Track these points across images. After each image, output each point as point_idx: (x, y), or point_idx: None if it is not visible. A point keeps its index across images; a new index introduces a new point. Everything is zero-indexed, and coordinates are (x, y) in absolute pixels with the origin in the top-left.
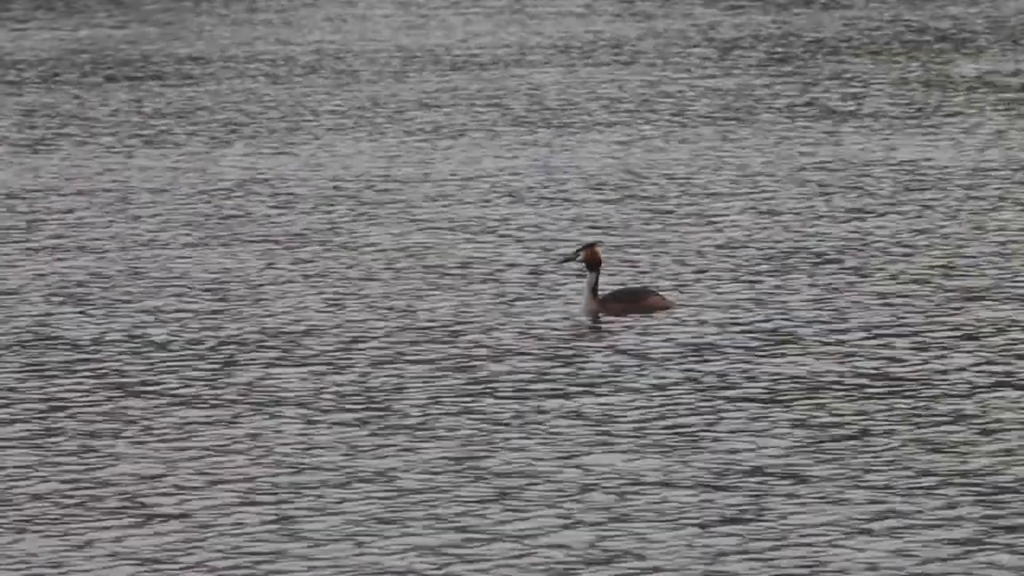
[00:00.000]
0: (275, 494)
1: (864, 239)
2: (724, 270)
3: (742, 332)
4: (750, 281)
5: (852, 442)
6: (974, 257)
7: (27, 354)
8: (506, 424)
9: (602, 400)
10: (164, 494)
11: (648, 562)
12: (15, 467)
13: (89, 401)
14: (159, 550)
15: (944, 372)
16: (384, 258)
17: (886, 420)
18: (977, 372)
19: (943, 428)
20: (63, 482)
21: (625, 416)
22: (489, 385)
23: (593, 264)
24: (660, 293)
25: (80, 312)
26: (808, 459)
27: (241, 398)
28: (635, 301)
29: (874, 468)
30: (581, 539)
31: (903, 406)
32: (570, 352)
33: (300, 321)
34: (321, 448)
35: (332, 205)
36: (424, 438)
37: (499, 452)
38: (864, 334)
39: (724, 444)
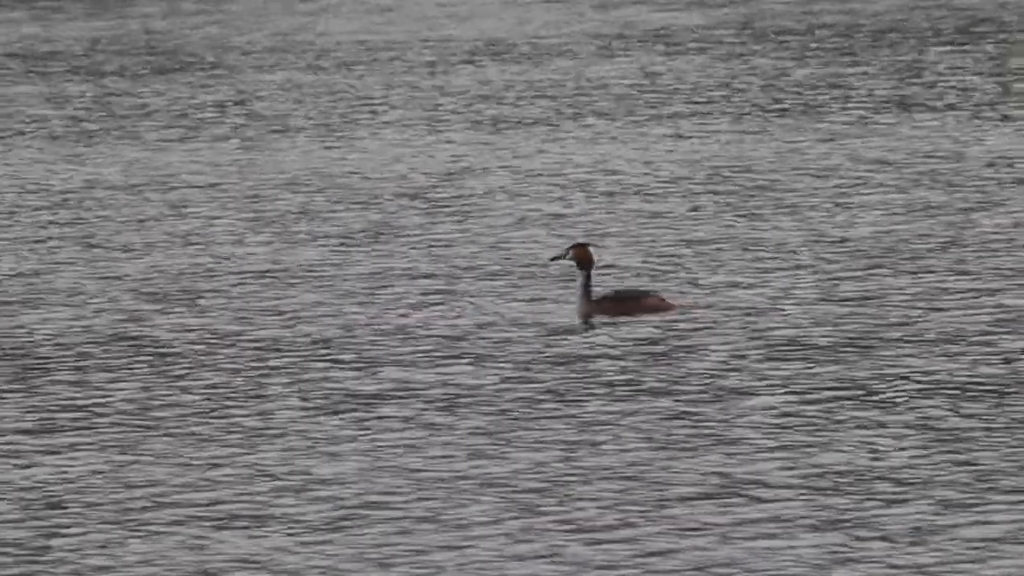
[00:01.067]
0: (387, 497)
1: (953, 233)
2: (799, 267)
3: (829, 331)
4: (841, 278)
5: (967, 444)
6: None
7: (114, 354)
8: (602, 425)
9: (693, 401)
10: (273, 498)
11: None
12: (106, 471)
13: (181, 403)
14: (269, 555)
15: None
16: (453, 254)
17: (997, 422)
18: None
19: None
20: (159, 486)
21: (722, 418)
22: (574, 384)
23: (584, 264)
24: (660, 294)
25: (161, 311)
26: (924, 463)
27: (331, 398)
28: (632, 302)
29: (1000, 473)
30: (699, 545)
31: (1014, 408)
32: (637, 352)
33: (380, 319)
34: (421, 449)
35: (398, 200)
36: (525, 439)
37: (603, 454)
38: (961, 332)
39: (838, 447)
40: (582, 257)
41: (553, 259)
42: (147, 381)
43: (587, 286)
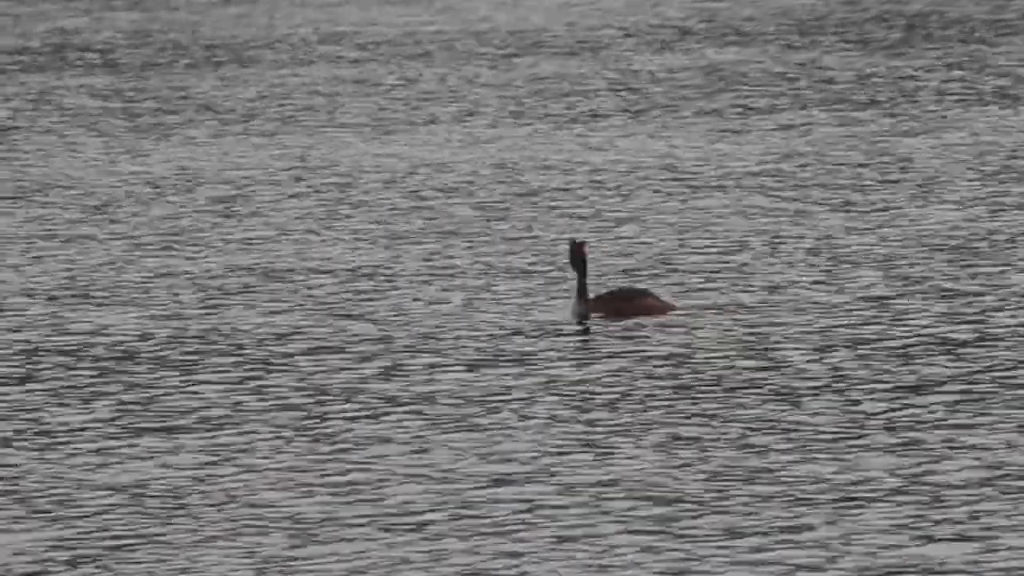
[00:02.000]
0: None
1: None
2: (868, 264)
3: (910, 329)
4: (921, 276)
5: None
6: None
7: (195, 352)
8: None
9: (779, 402)
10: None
11: None
12: (200, 474)
13: (281, 405)
14: (371, 560)
15: None
16: (474, 253)
17: None
18: None
19: None
20: (255, 489)
21: (820, 421)
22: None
23: (578, 263)
24: (656, 295)
25: (249, 309)
26: None
27: (452, 399)
28: (628, 302)
29: None
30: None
31: None
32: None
33: (475, 318)
34: (553, 450)
35: (447, 195)
36: (657, 443)
37: (720, 455)
38: None
39: (943, 449)
40: (578, 255)
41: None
42: (233, 381)
43: (582, 285)
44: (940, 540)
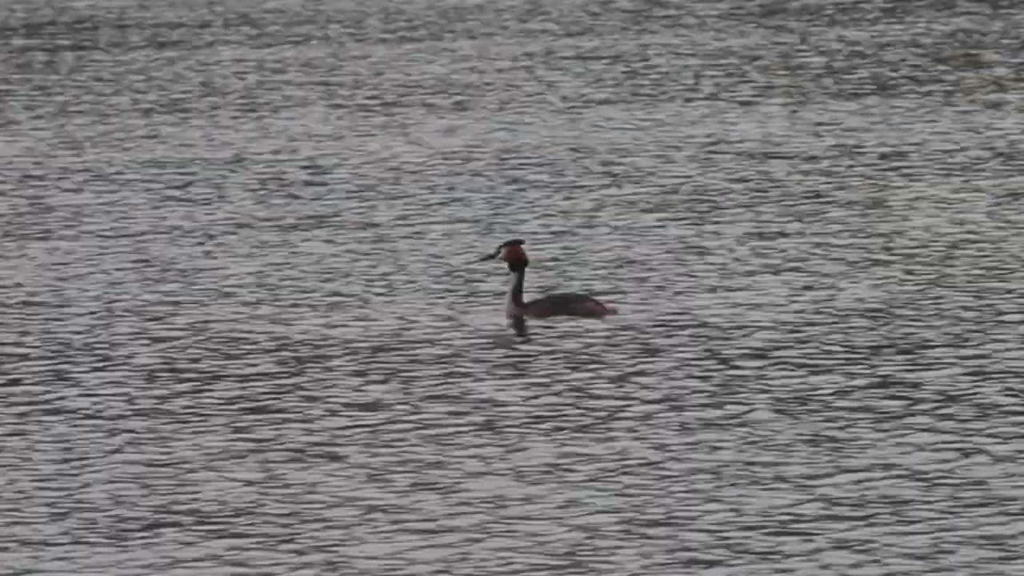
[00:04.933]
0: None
1: None
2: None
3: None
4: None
5: None
6: None
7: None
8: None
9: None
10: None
11: None
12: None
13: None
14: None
15: None
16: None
17: None
18: None
19: None
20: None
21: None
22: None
23: (516, 264)
24: (595, 298)
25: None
26: None
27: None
28: (564, 305)
29: None
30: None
31: None
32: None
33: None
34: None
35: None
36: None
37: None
38: None
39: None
40: (514, 257)
41: (483, 259)
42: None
43: (518, 288)
44: None
